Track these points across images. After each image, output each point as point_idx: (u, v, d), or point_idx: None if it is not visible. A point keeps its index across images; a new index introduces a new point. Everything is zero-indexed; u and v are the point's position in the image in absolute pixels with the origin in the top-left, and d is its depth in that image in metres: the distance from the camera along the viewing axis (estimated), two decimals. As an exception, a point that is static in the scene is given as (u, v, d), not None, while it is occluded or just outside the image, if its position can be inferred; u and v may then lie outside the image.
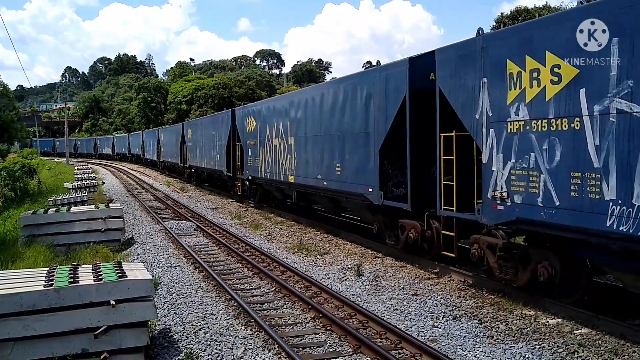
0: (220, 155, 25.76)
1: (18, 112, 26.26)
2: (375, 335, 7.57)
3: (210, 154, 27.99)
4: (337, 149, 13.79)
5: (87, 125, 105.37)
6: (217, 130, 26.42)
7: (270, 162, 18.95)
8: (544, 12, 32.85)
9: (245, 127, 22.01)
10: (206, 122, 30.13)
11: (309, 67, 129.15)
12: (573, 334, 7.41)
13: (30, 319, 6.11)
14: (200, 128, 31.45)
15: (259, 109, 20.72)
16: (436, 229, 10.63)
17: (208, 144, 28.46)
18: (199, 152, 31.11)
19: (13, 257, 11.55)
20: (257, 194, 21.96)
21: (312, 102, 15.35)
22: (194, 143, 32.75)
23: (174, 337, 7.77)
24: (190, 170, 34.95)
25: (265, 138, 19.38)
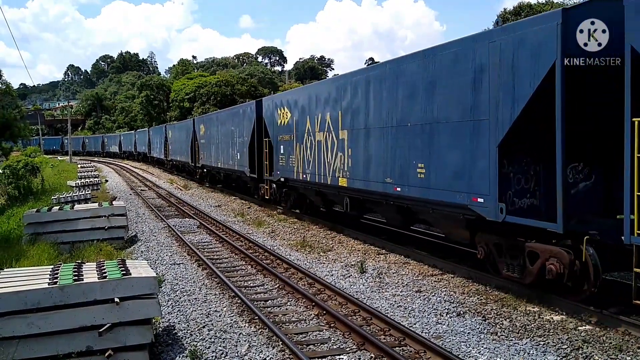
0: (241, 153, 22.77)
1: (21, 110, 26.33)
2: (379, 332, 7.57)
3: (228, 153, 25.11)
4: (419, 144, 10.53)
5: (90, 123, 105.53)
6: (238, 125, 23.35)
7: (310, 161, 15.83)
8: (546, 8, 32.76)
9: (275, 120, 18.82)
10: (223, 117, 26.94)
11: (311, 64, 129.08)
12: (577, 330, 7.40)
13: (34, 316, 6.13)
14: (215, 123, 28.30)
15: (294, 98, 17.51)
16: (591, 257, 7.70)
17: (225, 141, 25.54)
18: (214, 150, 28.08)
19: (17, 255, 11.59)
20: (289, 199, 18.79)
21: (378, 85, 12.06)
22: (208, 140, 29.67)
23: (178, 335, 7.78)
24: (203, 171, 32.23)
25: (305, 132, 16.16)
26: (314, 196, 16.88)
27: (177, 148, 39.51)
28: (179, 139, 38.49)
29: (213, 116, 30.32)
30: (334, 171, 14.21)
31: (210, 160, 29.15)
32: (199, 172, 33.01)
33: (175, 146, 40.36)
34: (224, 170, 26.64)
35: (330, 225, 16.12)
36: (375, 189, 12.17)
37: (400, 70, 11.31)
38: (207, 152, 29.99)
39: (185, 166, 37.82)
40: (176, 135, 39.94)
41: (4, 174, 29.86)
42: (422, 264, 11.36)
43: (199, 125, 32.15)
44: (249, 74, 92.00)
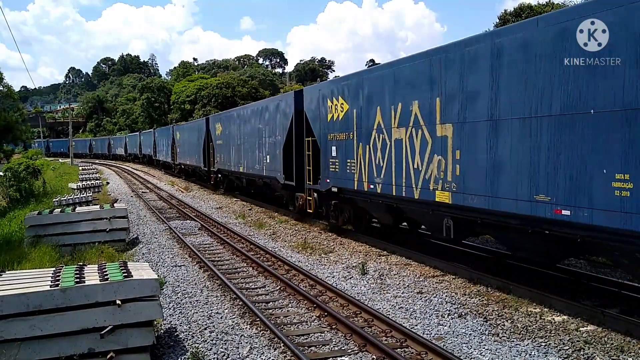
0: (272, 156, 19.17)
1: (22, 113, 26.38)
2: (381, 333, 7.58)
3: (253, 155, 21.53)
4: (618, 144, 6.88)
5: (91, 125, 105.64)
6: (268, 122, 19.64)
7: (382, 167, 11.93)
8: (547, 9, 32.77)
9: (323, 114, 14.85)
10: (247, 114, 22.82)
11: (312, 65, 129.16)
12: (579, 331, 7.40)
13: (36, 319, 6.14)
14: (235, 121, 24.41)
15: (355, 83, 13.20)
16: None
17: (250, 142, 21.90)
18: (235, 152, 24.39)
19: (19, 257, 11.59)
20: (341, 214, 14.84)
21: (521, 54, 8.23)
22: (226, 141, 25.97)
23: (180, 337, 7.79)
24: (218, 176, 28.60)
25: (372, 129, 12.30)
26: (381, 213, 13.11)
27: (187, 150, 36.13)
28: (189, 140, 35.10)
29: (233, 113, 25.74)
30: (426, 181, 10.50)
31: (229, 164, 25.61)
32: (214, 178, 29.21)
33: (185, 148, 36.93)
34: (246, 175, 23.14)
35: (331, 228, 16.11)
36: (509, 209, 8.46)
37: (570, 31, 7.35)
38: (224, 155, 26.48)
39: (196, 171, 34.42)
40: (185, 137, 36.59)
41: (5, 176, 29.94)
42: (424, 266, 11.36)
43: (215, 124, 28.52)
44: (249, 75, 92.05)
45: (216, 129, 27.92)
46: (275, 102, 19.38)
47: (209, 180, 30.53)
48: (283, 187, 18.35)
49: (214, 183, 29.35)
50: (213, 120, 29.50)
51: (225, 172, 26.71)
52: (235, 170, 24.61)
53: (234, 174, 25.24)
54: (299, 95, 17.01)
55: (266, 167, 19.97)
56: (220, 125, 27.36)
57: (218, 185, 29.11)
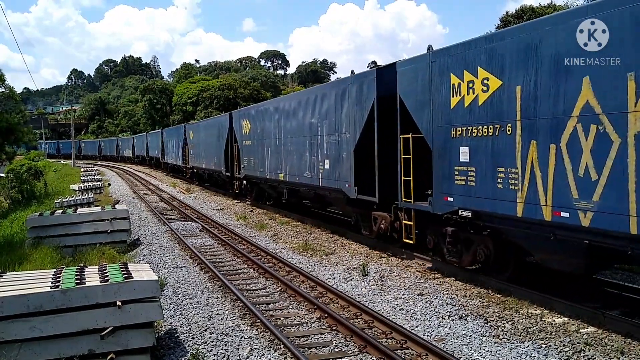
0: (334, 161, 14.30)
1: (25, 114, 26.39)
2: (381, 335, 7.57)
3: (301, 160, 16.60)
4: None
5: (93, 127, 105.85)
6: (327, 114, 14.72)
7: (606, 179, 6.97)
8: (549, 11, 32.75)
9: (446, 95, 9.85)
10: (291, 107, 17.58)
11: (314, 67, 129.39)
12: (579, 333, 7.39)
13: (37, 320, 6.15)
14: (271, 117, 19.52)
15: None
16: None
17: (296, 142, 17.05)
18: (270, 156, 19.47)
19: (20, 258, 11.61)
20: (477, 251, 9.93)
21: None
22: (257, 141, 21.13)
23: (180, 338, 7.79)
24: (243, 183, 24.08)
25: (575, 114, 7.28)
26: (570, 258, 8.35)
27: (202, 152, 31.74)
28: (206, 140, 30.64)
29: (268, 107, 20.28)
30: None
31: (261, 170, 20.52)
32: (238, 185, 24.89)
33: (199, 150, 32.60)
34: (289, 185, 18.09)
35: (332, 229, 16.12)
36: None
37: None
38: (254, 159, 21.51)
39: (213, 176, 30.36)
40: (201, 136, 32.12)
41: (7, 177, 30.00)
42: (424, 267, 11.34)
43: (240, 121, 23.66)
44: (251, 77, 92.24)
45: (242, 127, 23.23)
46: (340, 87, 14.16)
47: (230, 188, 26.55)
48: (352, 202, 13.82)
49: (237, 191, 25.14)
50: (238, 116, 24.47)
51: (255, 179, 21.92)
52: (271, 178, 19.58)
53: (269, 182, 20.31)
54: (388, 72, 11.90)
55: (324, 175, 15.10)
56: (248, 122, 22.50)
57: (243, 194, 24.82)
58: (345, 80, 14.12)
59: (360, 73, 13.48)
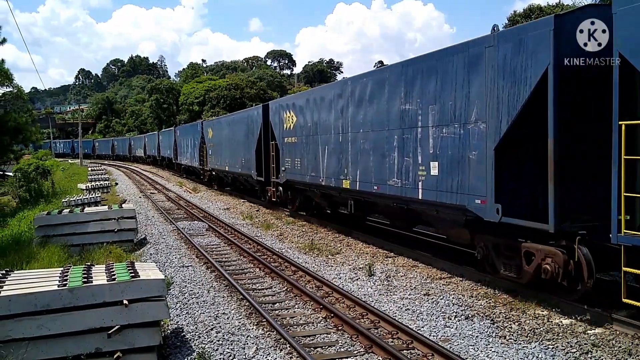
0: (447, 163, 10.00)
1: (32, 114, 26.48)
2: (387, 335, 7.56)
3: (379, 162, 12.31)
4: None
5: (101, 126, 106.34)
6: (433, 97, 10.34)
7: None
8: (556, 10, 32.62)
9: None
10: (368, 90, 12.79)
11: (320, 67, 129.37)
12: (587, 334, 7.35)
13: (44, 318, 6.17)
14: (327, 106, 15.08)
15: None
16: None
17: (372, 137, 12.62)
18: (327, 156, 15.13)
19: (28, 257, 11.67)
20: None
21: None
22: (306, 138, 16.70)
23: (187, 337, 7.81)
24: (279, 190, 19.71)
25: None
26: None
27: (224, 153, 27.84)
28: (230, 138, 26.50)
29: (328, 92, 15.38)
30: None
31: (315, 175, 15.98)
32: (272, 192, 20.31)
33: (221, 150, 28.56)
34: (377, 197, 12.89)
35: (338, 228, 16.10)
36: None
37: None
38: (302, 160, 17.07)
39: (239, 180, 26.45)
40: (223, 135, 28.11)
41: (15, 176, 30.17)
42: (431, 267, 11.33)
43: (281, 113, 19.09)
44: (258, 77, 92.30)
45: (284, 120, 18.73)
46: (466, 53, 9.49)
47: (262, 195, 22.57)
48: (480, 226, 9.55)
49: (276, 200, 20.42)
50: (278, 108, 19.58)
51: (301, 185, 17.81)
52: (328, 185, 15.13)
53: (323, 190, 16.06)
54: (575, 20, 7.84)
55: (428, 184, 10.49)
56: (291, 114, 17.97)
57: (281, 203, 20.47)
58: (478, 41, 9.33)
59: (514, 28, 9.42)
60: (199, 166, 33.93)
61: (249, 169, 22.89)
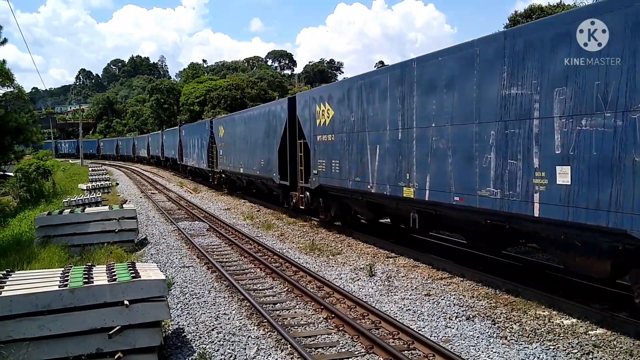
0: (589, 166, 7.25)
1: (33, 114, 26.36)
2: (388, 335, 7.56)
3: (462, 166, 9.62)
4: None
5: (101, 126, 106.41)
6: (564, 78, 7.58)
7: None
8: (557, 10, 32.58)
9: None
10: (445, 73, 10.06)
11: (321, 67, 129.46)
12: (588, 335, 7.34)
13: (45, 319, 6.17)
14: (381, 95, 12.24)
15: None
16: None
17: (450, 134, 9.92)
18: (378, 157, 12.44)
19: (28, 257, 11.68)
20: None
21: None
22: (346, 136, 13.94)
23: (187, 337, 7.81)
24: (306, 195, 16.94)
25: None
26: None
27: (239, 153, 25.10)
28: (246, 137, 23.79)
29: (381, 77, 12.50)
30: None
31: (359, 181, 13.25)
32: (299, 198, 17.49)
33: (234, 150, 25.95)
34: (448, 209, 10.34)
35: (339, 229, 16.08)
36: None
37: None
38: (342, 162, 14.24)
39: (255, 183, 23.67)
40: (237, 133, 25.48)
41: (16, 177, 30.19)
42: (431, 268, 11.33)
43: (311, 107, 16.24)
44: (258, 77, 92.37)
45: (316, 115, 15.75)
46: None
47: (285, 201, 19.37)
48: None
49: (301, 207, 17.64)
50: (308, 100, 16.67)
51: (339, 192, 14.89)
52: (377, 193, 12.50)
53: (368, 198, 13.31)
54: None
55: (558, 195, 7.76)
56: (327, 108, 15.04)
57: (311, 211, 17.70)
58: None
59: None
60: (208, 168, 31.60)
61: (270, 171, 20.17)
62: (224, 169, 28.04)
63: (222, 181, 29.44)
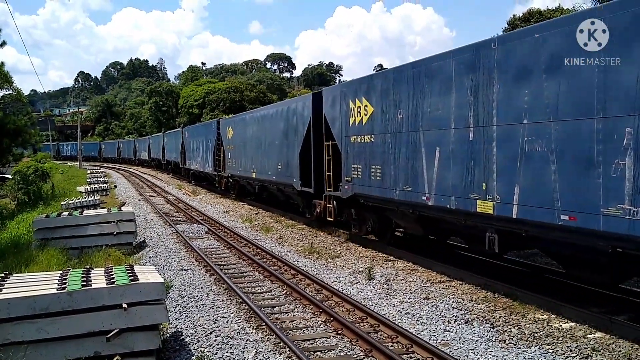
0: None
1: (32, 117, 26.26)
2: (387, 339, 7.55)
3: (569, 169, 7.45)
4: None
5: (100, 129, 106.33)
6: None
7: None
8: (556, 14, 32.68)
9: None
10: (556, 46, 7.58)
11: (320, 70, 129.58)
12: (586, 338, 7.34)
13: (43, 321, 6.16)
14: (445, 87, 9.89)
15: None
16: None
17: (563, 132, 7.52)
18: (439, 162, 10.11)
19: (27, 260, 11.65)
20: None
21: None
22: (390, 137, 11.82)
23: (186, 340, 7.79)
24: (345, 206, 14.69)
25: None
26: None
27: (248, 156, 23.19)
28: (257, 137, 21.87)
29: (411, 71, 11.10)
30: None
31: (411, 190, 11.11)
32: (325, 208, 15.58)
33: (243, 152, 24.02)
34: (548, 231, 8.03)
35: (338, 232, 16.07)
36: None
37: None
38: (382, 166, 12.19)
39: (269, 189, 21.61)
40: (249, 134, 23.17)
41: (14, 179, 30.13)
42: (430, 271, 11.32)
43: (342, 104, 14.12)
44: (257, 80, 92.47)
45: (350, 112, 13.55)
46: None
47: (307, 210, 17.47)
48: None
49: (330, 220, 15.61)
50: (338, 94, 14.49)
51: (380, 202, 12.67)
52: (442, 206, 10.15)
53: (426, 212, 11.02)
54: None
55: None
56: (363, 102, 12.90)
57: (341, 223, 15.91)
58: None
59: None
60: (214, 172, 29.52)
61: (290, 176, 17.90)
62: (233, 174, 26.09)
63: (230, 186, 27.59)
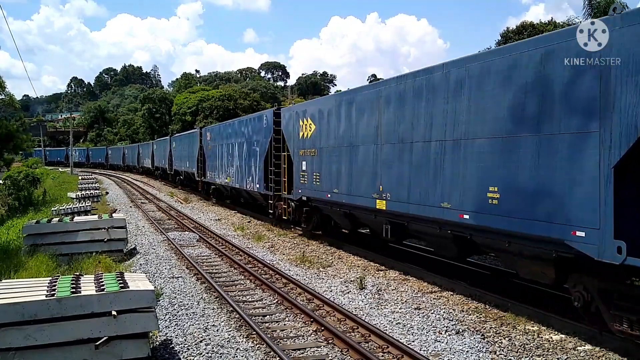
0: None
1: (24, 122, 26.11)
2: (377, 349, 7.53)
3: None
4: None
5: (92, 135, 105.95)
6: None
7: None
8: (549, 28, 33.01)
9: None
10: None
11: (314, 79, 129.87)
12: (577, 350, 7.35)
13: (31, 328, 6.10)
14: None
15: None
16: None
17: None
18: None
19: (16, 266, 11.55)
20: None
21: None
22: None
23: (175, 349, 7.74)
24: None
25: None
26: None
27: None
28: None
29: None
30: None
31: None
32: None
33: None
34: None
35: (330, 241, 16.07)
36: None
37: None
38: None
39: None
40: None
41: (4, 184, 29.98)
42: (422, 281, 11.32)
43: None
44: (251, 88, 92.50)
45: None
46: None
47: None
48: None
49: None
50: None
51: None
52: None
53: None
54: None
55: None
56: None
57: None
58: None
59: None
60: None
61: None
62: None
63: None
